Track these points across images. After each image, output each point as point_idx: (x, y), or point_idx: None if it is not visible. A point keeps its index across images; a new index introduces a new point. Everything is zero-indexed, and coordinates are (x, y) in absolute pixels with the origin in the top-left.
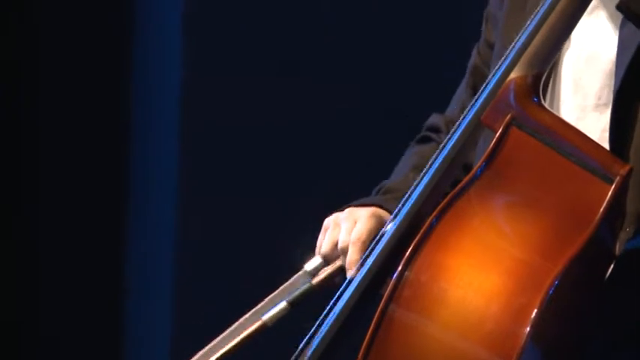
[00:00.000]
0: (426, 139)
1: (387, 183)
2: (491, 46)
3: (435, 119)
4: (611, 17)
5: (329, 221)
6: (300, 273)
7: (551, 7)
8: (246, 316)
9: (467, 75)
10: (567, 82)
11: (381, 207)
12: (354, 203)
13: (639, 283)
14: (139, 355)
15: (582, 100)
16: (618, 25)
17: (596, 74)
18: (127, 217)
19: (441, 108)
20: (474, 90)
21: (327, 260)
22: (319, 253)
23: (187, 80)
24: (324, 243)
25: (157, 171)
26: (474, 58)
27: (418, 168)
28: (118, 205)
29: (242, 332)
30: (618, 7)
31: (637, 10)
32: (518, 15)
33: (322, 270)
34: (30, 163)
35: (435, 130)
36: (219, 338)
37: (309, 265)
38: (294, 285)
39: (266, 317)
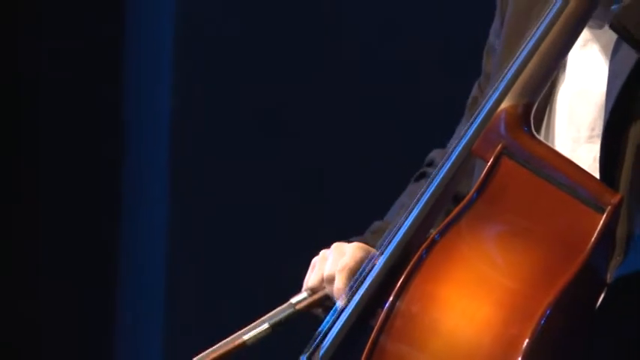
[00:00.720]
0: (423, 175)
1: (378, 223)
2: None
3: (433, 154)
4: (604, 50)
5: (316, 258)
6: (285, 304)
7: (542, 38)
8: (230, 337)
9: (466, 109)
10: (562, 115)
11: (367, 244)
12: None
13: (629, 310)
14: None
15: (576, 132)
16: (610, 53)
17: (590, 107)
18: (119, 224)
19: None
20: None
21: (313, 292)
22: (306, 288)
23: (178, 95)
24: (312, 276)
25: (149, 179)
26: (474, 92)
27: (406, 206)
28: (111, 213)
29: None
30: (611, 26)
31: (629, 25)
32: (517, 43)
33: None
34: (28, 166)
35: (431, 164)
36: (200, 355)
37: (296, 299)
38: (279, 313)
39: (247, 337)
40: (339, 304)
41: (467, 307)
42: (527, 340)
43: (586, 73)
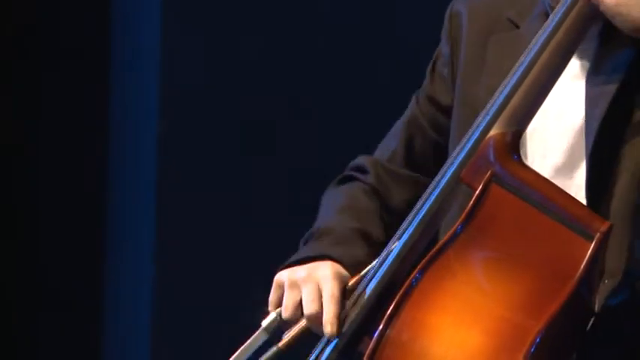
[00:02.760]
0: (349, 178)
1: (318, 226)
2: (434, 101)
3: (361, 160)
4: (577, 74)
5: (282, 278)
6: (258, 331)
7: (531, 65)
8: None
9: (402, 123)
10: (537, 141)
11: (330, 258)
12: (300, 257)
13: (618, 338)
14: None
15: (553, 158)
16: (584, 81)
17: (566, 132)
18: (105, 228)
19: None
20: (409, 141)
21: (288, 322)
22: (275, 309)
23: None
24: (285, 304)
25: (136, 179)
26: (412, 108)
27: (345, 208)
28: (97, 212)
29: None
30: None
31: None
32: (477, 75)
33: (288, 330)
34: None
35: (361, 170)
36: None
37: (265, 322)
38: (255, 342)
39: None
40: (328, 331)
41: (457, 334)
42: None
43: (560, 97)
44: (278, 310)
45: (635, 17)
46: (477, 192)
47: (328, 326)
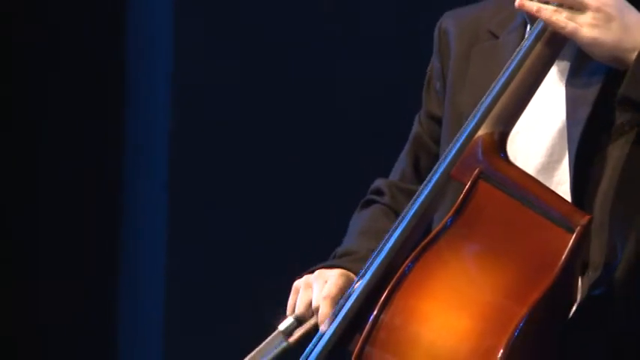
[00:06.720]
0: (369, 202)
1: (339, 249)
2: (432, 116)
3: (378, 183)
4: (558, 77)
5: (299, 283)
6: (274, 333)
7: (517, 68)
8: None
9: (408, 143)
10: (519, 144)
11: (345, 268)
12: (318, 266)
13: (600, 325)
14: None
15: (535, 159)
16: (563, 84)
17: (547, 134)
18: (119, 230)
19: None
20: (416, 159)
21: (300, 320)
22: (292, 314)
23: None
24: (298, 303)
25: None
26: (415, 128)
27: (365, 231)
28: (111, 218)
29: None
30: (620, 101)
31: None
32: (461, 84)
33: (297, 329)
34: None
35: (378, 192)
36: None
37: (282, 325)
38: (270, 345)
39: None
40: (322, 329)
41: (446, 320)
42: (501, 351)
43: (541, 98)
44: (295, 314)
45: (608, 52)
46: (466, 188)
47: (321, 325)
